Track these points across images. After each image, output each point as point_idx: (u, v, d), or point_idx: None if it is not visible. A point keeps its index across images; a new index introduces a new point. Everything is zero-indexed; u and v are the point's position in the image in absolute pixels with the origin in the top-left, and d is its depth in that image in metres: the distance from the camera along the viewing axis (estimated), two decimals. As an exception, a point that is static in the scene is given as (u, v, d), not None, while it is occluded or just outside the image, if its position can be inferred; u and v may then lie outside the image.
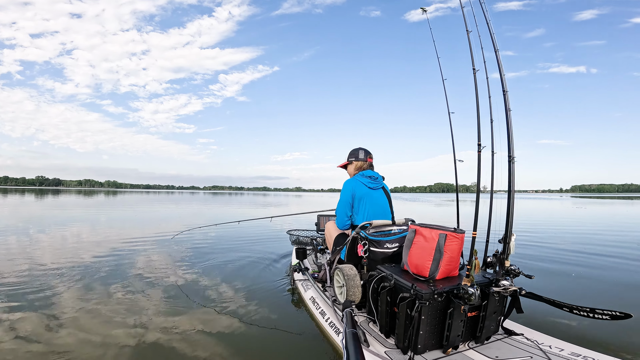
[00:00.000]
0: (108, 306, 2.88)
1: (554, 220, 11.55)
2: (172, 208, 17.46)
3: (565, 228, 9.38)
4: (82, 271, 3.97)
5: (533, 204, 25.87)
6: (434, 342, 1.79)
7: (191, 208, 17.75)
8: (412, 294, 1.76)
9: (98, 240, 6.37)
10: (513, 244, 1.94)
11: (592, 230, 8.90)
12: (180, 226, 8.71)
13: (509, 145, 1.97)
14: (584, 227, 9.67)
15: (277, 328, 2.49)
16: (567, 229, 9.28)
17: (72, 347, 2.15)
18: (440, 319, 1.78)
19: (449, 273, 1.93)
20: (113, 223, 9.47)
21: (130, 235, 7.06)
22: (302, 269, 3.34)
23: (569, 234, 8.08)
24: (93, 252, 5.13)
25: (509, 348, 1.84)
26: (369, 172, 2.77)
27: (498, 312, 1.95)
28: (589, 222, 11.56)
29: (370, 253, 2.31)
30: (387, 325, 1.96)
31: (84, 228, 8.15)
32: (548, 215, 14.56)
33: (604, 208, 20.99)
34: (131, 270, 4.12)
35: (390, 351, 1.83)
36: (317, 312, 2.51)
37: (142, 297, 3.12)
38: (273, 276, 3.92)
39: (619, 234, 8.07)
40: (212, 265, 4.44)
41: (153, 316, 2.67)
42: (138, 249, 5.53)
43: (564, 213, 16.08)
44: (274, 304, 2.98)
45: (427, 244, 1.96)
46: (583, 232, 8.41)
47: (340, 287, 2.31)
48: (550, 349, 1.81)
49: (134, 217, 11.65)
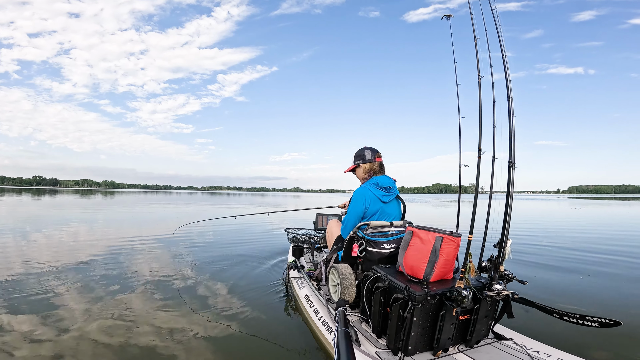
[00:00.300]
0: (99, 304, 2.90)
1: (551, 223, 11.57)
2: (169, 208, 17.37)
3: (563, 231, 9.41)
4: (76, 271, 3.95)
5: (530, 205, 25.94)
6: (424, 344, 1.81)
7: (189, 208, 17.78)
8: (405, 295, 1.78)
9: (93, 240, 6.30)
10: (509, 249, 1.96)
11: (591, 233, 8.92)
12: (177, 225, 8.74)
13: (510, 152, 1.98)
14: (582, 230, 9.70)
15: (270, 325, 2.52)
16: (565, 231, 9.31)
17: (67, 348, 2.12)
18: (432, 321, 1.80)
19: (443, 276, 1.95)
20: (109, 223, 9.38)
21: (126, 235, 7.08)
22: (298, 266, 3.37)
23: (567, 237, 8.11)
24: (87, 253, 5.14)
25: (498, 353, 1.86)
26: (383, 180, 2.54)
27: (489, 316, 1.97)
28: (587, 223, 11.59)
29: (367, 253, 2.32)
30: (380, 326, 1.98)
31: (79, 228, 8.10)
32: (545, 217, 14.58)
33: (601, 209, 21.05)
34: (128, 270, 4.14)
35: (381, 352, 1.85)
36: (311, 310, 2.53)
37: (138, 297, 3.14)
38: (268, 273, 3.94)
39: (618, 238, 8.09)
40: (208, 262, 4.47)
41: (145, 315, 2.68)
42: (135, 248, 5.55)
43: (561, 215, 16.09)
44: (268, 301, 3.01)
45: (423, 246, 1.98)
46: (581, 235, 8.44)
47: (335, 286, 2.33)
48: (538, 355, 1.83)
49: (131, 217, 11.52)
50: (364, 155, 2.67)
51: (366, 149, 2.69)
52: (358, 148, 2.78)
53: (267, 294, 3.19)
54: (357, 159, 2.71)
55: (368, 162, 2.66)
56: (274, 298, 3.10)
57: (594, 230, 9.74)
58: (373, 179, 2.57)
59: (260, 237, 6.61)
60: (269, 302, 2.99)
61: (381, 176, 2.61)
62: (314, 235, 3.85)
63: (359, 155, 2.70)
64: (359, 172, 2.72)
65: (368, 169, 2.65)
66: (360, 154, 2.70)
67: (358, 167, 2.70)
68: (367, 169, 2.65)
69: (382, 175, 2.63)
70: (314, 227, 4.18)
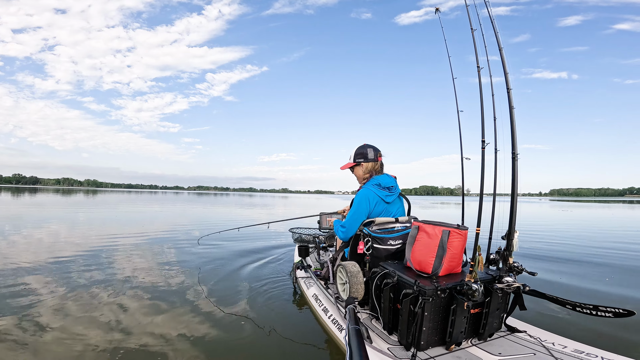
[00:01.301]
0: (90, 306, 2.89)
1: (549, 224, 11.51)
2: (153, 209, 16.20)
3: (563, 229, 9.36)
4: (59, 270, 3.90)
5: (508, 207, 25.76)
6: (436, 338, 1.79)
7: (176, 207, 17.59)
8: (415, 291, 1.76)
9: (68, 241, 6.30)
10: (516, 240, 1.94)
11: (591, 231, 8.87)
12: (166, 226, 8.72)
13: (513, 143, 1.97)
14: (580, 229, 9.64)
15: (280, 325, 2.50)
16: (566, 230, 9.26)
17: (48, 351, 2.05)
18: (443, 316, 1.78)
19: (452, 270, 1.93)
20: (81, 224, 8.90)
21: (117, 235, 7.08)
22: (304, 266, 3.35)
23: (569, 233, 8.06)
24: (61, 254, 5.14)
25: (512, 345, 1.84)
26: (385, 180, 2.45)
27: (501, 309, 1.94)
28: (581, 224, 11.53)
29: (374, 250, 2.30)
30: (390, 322, 1.96)
31: (58, 227, 7.91)
32: (527, 218, 14.50)
33: (587, 211, 20.87)
34: (135, 271, 4.14)
35: (393, 347, 1.83)
36: (320, 309, 2.51)
37: (141, 299, 3.13)
38: (275, 274, 3.93)
39: (617, 235, 8.03)
40: (214, 264, 4.46)
41: (158, 316, 2.68)
42: (128, 248, 5.55)
43: (544, 215, 16.01)
44: (276, 302, 2.99)
45: (430, 241, 1.96)
46: (582, 233, 8.39)
47: (343, 284, 2.31)
48: (553, 346, 1.80)
49: (115, 217, 11.14)
50: (366, 153, 2.52)
51: (368, 146, 2.55)
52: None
53: (275, 295, 3.17)
54: (358, 156, 2.54)
55: (370, 161, 2.52)
56: (282, 298, 3.08)
57: (581, 228, 9.69)
58: (374, 179, 2.47)
59: (264, 238, 6.60)
60: (278, 302, 2.98)
61: (382, 175, 2.51)
62: (319, 234, 3.83)
63: (360, 153, 2.54)
64: (359, 171, 2.57)
65: (370, 168, 2.53)
66: (362, 151, 2.54)
67: (358, 166, 2.56)
68: (369, 169, 2.53)
69: (384, 175, 2.53)
70: (318, 226, 4.17)
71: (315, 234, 3.98)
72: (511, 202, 1.96)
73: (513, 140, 1.96)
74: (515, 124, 1.98)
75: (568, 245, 6.29)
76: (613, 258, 5.16)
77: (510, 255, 1.92)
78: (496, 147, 2.27)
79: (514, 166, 1.96)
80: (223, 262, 4.49)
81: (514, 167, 1.97)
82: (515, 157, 1.96)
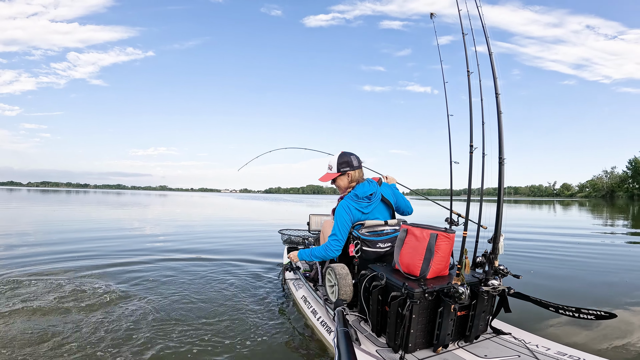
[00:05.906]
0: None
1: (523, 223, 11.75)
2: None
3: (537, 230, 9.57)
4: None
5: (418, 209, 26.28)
6: (424, 341, 1.81)
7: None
8: (403, 293, 1.77)
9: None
10: (502, 244, 1.97)
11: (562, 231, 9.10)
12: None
13: (500, 147, 2.00)
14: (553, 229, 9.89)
15: (268, 327, 2.48)
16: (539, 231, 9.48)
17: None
18: (430, 318, 1.80)
19: (439, 272, 1.95)
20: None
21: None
22: (293, 268, 3.33)
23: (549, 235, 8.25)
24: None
25: (497, 347, 1.87)
26: (362, 190, 2.35)
27: (487, 311, 1.97)
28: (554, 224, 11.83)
29: (363, 252, 2.31)
30: (379, 324, 1.97)
31: None
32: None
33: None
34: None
35: (381, 350, 1.83)
36: (309, 311, 2.50)
37: (124, 305, 3.05)
38: (263, 275, 3.90)
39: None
40: (197, 267, 4.40)
41: (151, 323, 2.62)
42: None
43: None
44: (264, 303, 2.97)
45: (418, 244, 1.98)
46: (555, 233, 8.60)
47: (332, 286, 2.31)
48: (537, 348, 1.84)
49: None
50: (350, 161, 2.40)
51: (350, 154, 2.44)
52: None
53: (264, 297, 3.15)
54: (342, 165, 2.41)
55: (356, 169, 2.42)
56: (270, 300, 3.06)
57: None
58: (354, 192, 2.37)
59: (252, 238, 6.55)
60: (266, 304, 2.95)
61: (360, 185, 2.40)
62: (308, 236, 3.83)
63: (345, 161, 2.41)
64: (343, 181, 2.44)
65: (356, 177, 2.42)
66: (346, 160, 2.41)
67: (343, 175, 2.43)
68: (355, 178, 2.42)
69: (361, 184, 2.42)
70: (307, 228, 4.17)
71: (304, 236, 3.97)
72: (497, 206, 1.99)
73: (500, 145, 1.99)
74: (502, 128, 2.01)
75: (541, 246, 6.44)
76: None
77: (496, 259, 1.95)
78: (484, 152, 2.30)
79: (501, 171, 2.00)
80: (208, 264, 4.44)
81: (500, 171, 2.00)
82: (501, 162, 2.00)
